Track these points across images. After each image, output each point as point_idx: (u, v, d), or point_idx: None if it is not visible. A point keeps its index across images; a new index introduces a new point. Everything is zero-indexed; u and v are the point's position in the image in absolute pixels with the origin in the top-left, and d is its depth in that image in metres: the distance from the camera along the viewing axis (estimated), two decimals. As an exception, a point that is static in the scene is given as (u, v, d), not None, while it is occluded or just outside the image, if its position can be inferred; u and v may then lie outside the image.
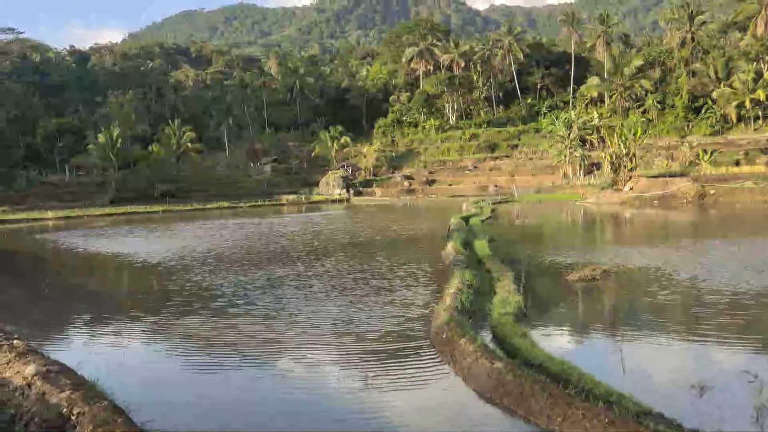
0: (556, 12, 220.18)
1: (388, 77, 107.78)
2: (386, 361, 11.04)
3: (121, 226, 44.06)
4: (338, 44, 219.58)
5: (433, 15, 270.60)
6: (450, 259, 19.93)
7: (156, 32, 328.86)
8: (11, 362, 7.72)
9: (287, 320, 13.92)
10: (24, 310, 17.19)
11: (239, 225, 41.26)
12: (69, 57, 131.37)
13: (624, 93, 75.75)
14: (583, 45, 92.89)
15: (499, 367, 8.96)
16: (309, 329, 13.11)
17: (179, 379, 10.62)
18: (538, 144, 77.09)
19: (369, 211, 54.98)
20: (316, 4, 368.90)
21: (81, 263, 26.74)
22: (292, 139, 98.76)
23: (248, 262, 22.97)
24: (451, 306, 12.82)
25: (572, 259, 20.77)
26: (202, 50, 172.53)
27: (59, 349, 12.25)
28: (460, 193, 66.62)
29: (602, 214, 43.22)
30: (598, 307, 15.39)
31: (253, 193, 75.51)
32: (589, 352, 11.62)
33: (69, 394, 6.45)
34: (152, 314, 15.41)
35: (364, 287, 17.22)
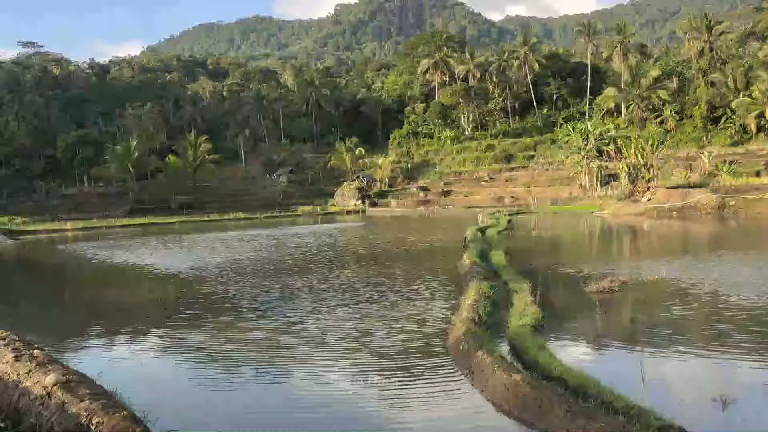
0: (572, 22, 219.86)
1: (403, 88, 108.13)
2: (402, 373, 10.98)
3: (139, 237, 44.41)
4: (354, 56, 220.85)
5: (449, 26, 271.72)
6: (466, 271, 19.84)
7: (174, 45, 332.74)
8: (31, 372, 7.78)
9: (301, 334, 13.89)
10: (44, 319, 17.35)
11: (255, 236, 41.42)
12: (89, 70, 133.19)
13: (641, 103, 75.29)
14: (599, 55, 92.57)
15: (517, 380, 8.87)
16: (323, 343, 13.05)
17: (196, 389, 10.63)
18: (554, 155, 76.75)
19: (385, 223, 55.02)
20: (332, 17, 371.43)
21: (99, 274, 26.96)
22: (308, 151, 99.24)
23: (263, 274, 22.97)
24: (468, 318, 12.74)
25: (590, 271, 20.59)
26: (220, 63, 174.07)
27: (78, 358, 12.33)
28: (475, 205, 66.44)
29: (620, 226, 42.87)
30: (617, 319, 15.22)
31: (269, 205, 75.85)
32: (608, 365, 11.48)
33: (88, 404, 6.48)
34: (169, 324, 15.48)
35: (380, 299, 17.17)
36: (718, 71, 74.61)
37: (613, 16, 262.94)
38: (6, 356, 8.54)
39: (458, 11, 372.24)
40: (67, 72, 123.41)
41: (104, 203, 74.45)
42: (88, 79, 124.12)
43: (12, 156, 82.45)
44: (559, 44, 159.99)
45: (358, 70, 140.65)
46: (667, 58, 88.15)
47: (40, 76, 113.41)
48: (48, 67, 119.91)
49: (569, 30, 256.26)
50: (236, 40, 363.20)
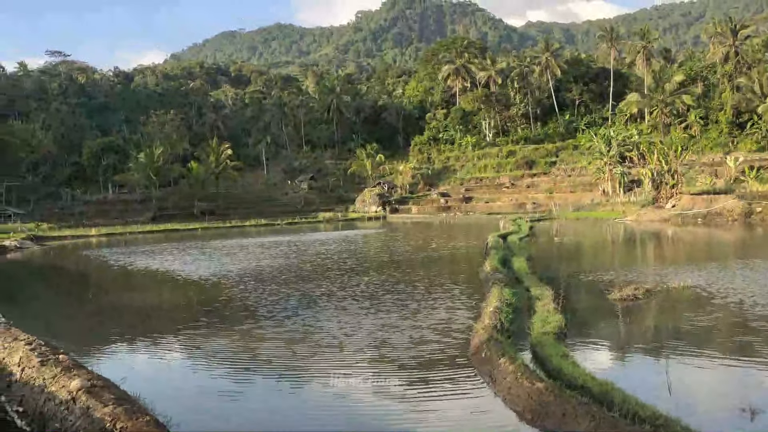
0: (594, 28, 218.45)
1: (424, 95, 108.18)
2: (423, 379, 10.93)
3: (161, 243, 44.82)
4: (375, 63, 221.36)
5: (470, 32, 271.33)
6: (488, 278, 19.72)
7: (197, 53, 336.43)
8: (57, 377, 7.86)
9: (320, 341, 13.88)
10: (68, 324, 17.56)
11: (276, 243, 41.58)
12: (114, 78, 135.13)
13: (665, 109, 74.49)
14: (622, 61, 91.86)
15: (540, 388, 8.78)
16: (340, 352, 13.00)
17: (216, 396, 10.66)
18: (576, 161, 76.23)
19: (405, 229, 54.95)
20: (353, 24, 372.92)
21: (122, 279, 27.24)
22: (329, 157, 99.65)
23: (283, 281, 22.97)
24: (490, 325, 12.65)
25: (613, 278, 20.36)
26: (242, 70, 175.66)
27: (101, 363, 12.45)
28: (497, 211, 66.17)
29: (643, 232, 42.37)
30: (641, 327, 15.00)
31: (290, 211, 76.24)
32: (632, 373, 11.31)
33: (112, 409, 6.53)
34: (190, 330, 15.57)
35: (401, 307, 17.11)
36: (744, 76, 73.59)
37: (636, 21, 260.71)
38: (32, 361, 8.65)
39: (479, 17, 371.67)
40: (92, 80, 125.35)
41: (128, 209, 75.34)
42: (112, 86, 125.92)
43: (39, 163, 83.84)
44: (581, 49, 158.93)
45: (379, 77, 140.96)
46: (691, 63, 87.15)
47: (66, 85, 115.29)
48: (74, 76, 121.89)
49: (591, 35, 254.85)
50: (258, 48, 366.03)
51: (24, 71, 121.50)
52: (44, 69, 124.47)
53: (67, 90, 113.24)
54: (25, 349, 9.25)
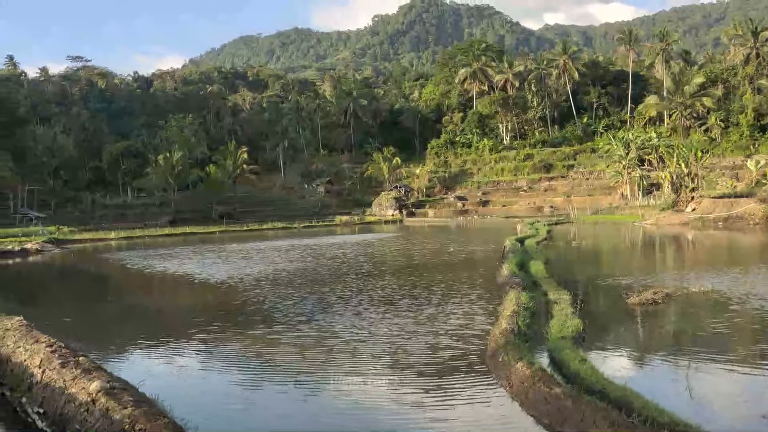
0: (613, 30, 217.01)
1: (441, 98, 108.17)
2: (439, 383, 10.90)
3: (180, 247, 45.16)
4: (392, 66, 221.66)
5: (487, 36, 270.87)
6: (505, 281, 19.64)
7: (215, 57, 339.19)
8: (77, 378, 7.95)
9: (335, 347, 13.89)
10: (88, 326, 17.74)
11: (293, 246, 41.70)
12: (133, 83, 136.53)
13: (684, 111, 73.81)
14: (641, 63, 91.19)
15: (557, 393, 8.72)
16: (359, 357, 13.00)
17: (235, 397, 10.72)
18: (594, 164, 75.75)
19: (422, 233, 54.89)
20: (370, 28, 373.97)
21: (140, 282, 27.48)
22: (346, 161, 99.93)
23: (299, 285, 22.92)
24: (507, 329, 12.60)
25: (632, 282, 20.18)
26: (259, 74, 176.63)
27: (121, 365, 12.56)
28: (514, 214, 65.88)
29: (663, 236, 41.96)
30: (661, 331, 14.85)
31: (307, 214, 76.46)
32: (652, 379, 11.20)
33: (131, 411, 6.59)
34: (208, 333, 15.66)
35: (417, 311, 17.08)
36: (765, 78, 72.73)
37: (654, 23, 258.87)
38: (53, 363, 8.75)
39: (496, 20, 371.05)
40: (112, 85, 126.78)
41: (146, 213, 75.99)
42: (132, 91, 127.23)
43: (60, 168, 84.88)
44: (599, 52, 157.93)
45: (396, 81, 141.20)
46: (711, 65, 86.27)
47: (86, 90, 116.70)
48: (94, 81, 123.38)
49: (609, 38, 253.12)
50: (275, 52, 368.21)
51: (46, 77, 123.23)
52: (65, 74, 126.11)
53: (88, 95, 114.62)
54: (46, 351, 9.36)
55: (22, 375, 9.38)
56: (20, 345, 10.21)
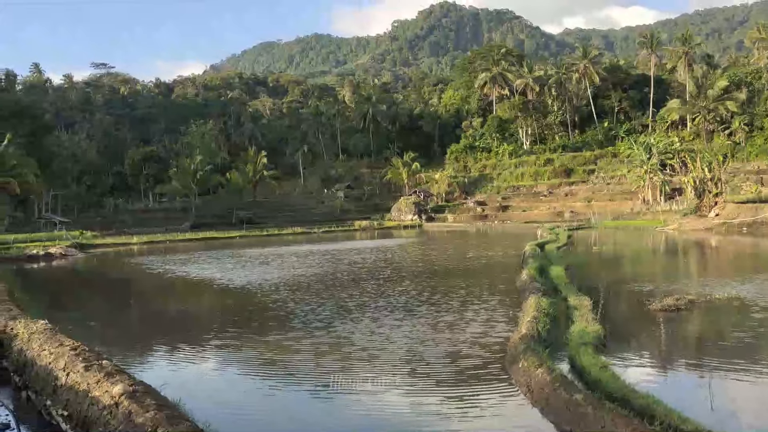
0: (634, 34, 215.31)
1: (460, 103, 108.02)
2: (459, 390, 10.88)
3: (200, 251, 45.51)
4: (411, 72, 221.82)
5: (506, 40, 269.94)
6: (525, 287, 19.53)
7: (236, 63, 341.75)
8: (100, 381, 8.05)
9: (353, 354, 13.89)
10: (111, 330, 17.95)
11: (312, 251, 41.82)
12: (155, 89, 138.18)
13: (708, 115, 72.94)
14: (663, 67, 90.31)
15: (578, 399, 8.65)
16: (378, 365, 12.96)
17: (256, 403, 10.79)
18: (615, 169, 75.11)
19: (441, 238, 54.79)
20: (389, 33, 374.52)
21: (162, 286, 27.74)
22: (365, 166, 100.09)
23: (317, 291, 22.88)
24: (528, 335, 12.53)
25: (654, 288, 19.97)
26: (279, 80, 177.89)
27: (143, 369, 12.70)
28: (534, 219, 65.51)
29: (686, 242, 41.47)
30: (683, 338, 14.68)
31: (326, 219, 76.66)
32: (673, 386, 11.07)
33: (154, 415, 6.66)
34: (227, 338, 15.78)
35: (436, 317, 17.05)
36: (790, 81, 71.67)
37: (677, 26, 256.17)
38: (77, 366, 8.87)
39: (516, 25, 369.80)
40: (134, 91, 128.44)
41: (168, 218, 76.70)
42: (154, 97, 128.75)
43: (84, 173, 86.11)
44: (620, 56, 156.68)
45: (415, 86, 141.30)
46: (735, 68, 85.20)
47: (109, 96, 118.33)
48: (117, 87, 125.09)
49: (631, 41, 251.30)
50: (295, 58, 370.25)
51: (70, 84, 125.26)
52: (89, 81, 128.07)
53: (111, 101, 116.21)
54: (70, 355, 9.49)
55: (46, 378, 9.52)
56: (45, 348, 10.37)
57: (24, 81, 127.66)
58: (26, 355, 10.82)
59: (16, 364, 11.28)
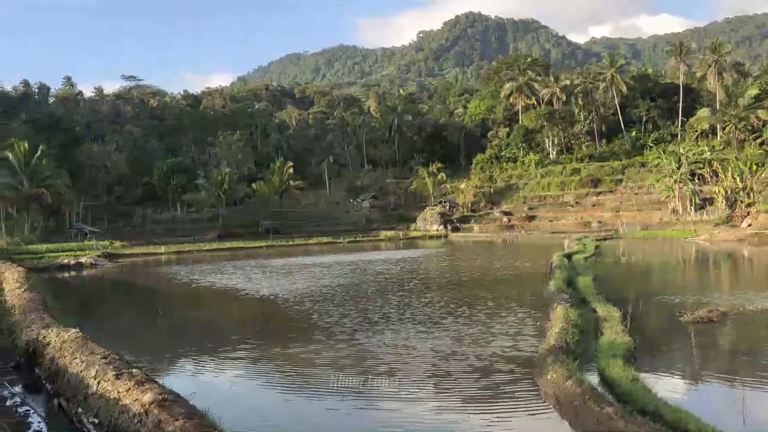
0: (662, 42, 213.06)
1: (486, 113, 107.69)
2: (486, 401, 10.79)
3: (227, 261, 45.88)
4: (436, 82, 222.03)
5: (532, 50, 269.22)
6: (553, 298, 19.33)
7: (263, 75, 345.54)
8: (131, 390, 8.14)
9: (379, 367, 13.85)
10: (140, 338, 18.16)
11: (338, 261, 41.86)
12: (183, 101, 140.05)
13: (739, 124, 71.72)
14: (692, 75, 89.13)
15: (609, 412, 8.52)
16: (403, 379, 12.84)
17: (282, 413, 10.81)
18: (644, 179, 74.09)
19: (467, 248, 54.53)
20: (415, 44, 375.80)
21: (190, 296, 28.00)
22: (390, 176, 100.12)
23: (341, 302, 22.88)
24: (556, 346, 12.40)
25: (685, 300, 19.64)
26: (305, 91, 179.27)
27: (172, 377, 12.81)
28: (561, 230, 64.88)
29: (717, 253, 40.72)
30: (716, 351, 14.39)
31: (352, 229, 76.71)
32: (706, 400, 10.86)
33: (183, 423, 6.71)
34: (255, 347, 15.85)
35: (463, 330, 16.93)
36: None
37: (706, 34, 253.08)
38: (108, 374, 8.98)
39: (541, 34, 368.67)
40: (163, 103, 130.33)
41: (195, 228, 77.37)
42: (182, 109, 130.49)
43: (113, 184, 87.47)
44: (648, 65, 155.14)
45: (441, 96, 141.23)
46: (766, 77, 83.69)
47: (139, 108, 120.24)
48: (146, 99, 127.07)
49: (659, 50, 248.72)
50: (321, 69, 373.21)
51: (100, 96, 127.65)
52: (119, 93, 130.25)
53: (140, 113, 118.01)
54: (101, 363, 9.62)
55: (78, 386, 9.65)
56: (77, 356, 10.52)
57: (56, 94, 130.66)
58: (58, 363, 10.99)
59: (49, 372, 11.46)
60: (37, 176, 63.48)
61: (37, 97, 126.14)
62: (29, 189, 61.97)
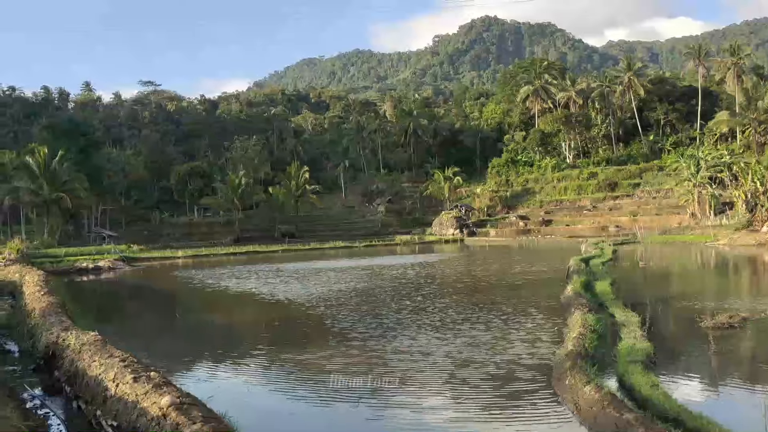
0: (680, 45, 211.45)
1: (502, 117, 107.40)
2: (504, 407, 10.71)
3: (243, 265, 46.06)
4: (452, 86, 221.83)
5: (548, 53, 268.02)
6: (570, 303, 19.18)
7: (279, 79, 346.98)
8: (148, 393, 8.17)
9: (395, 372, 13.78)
10: (158, 341, 18.26)
11: (353, 266, 41.82)
12: (200, 106, 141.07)
13: (759, 127, 70.92)
14: (710, 78, 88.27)
15: (629, 419, 8.42)
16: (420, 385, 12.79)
17: (299, 418, 10.81)
18: (662, 182, 73.44)
19: (484, 253, 54.33)
20: (430, 48, 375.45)
21: (206, 299, 28.14)
22: (406, 180, 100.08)
23: (357, 306, 22.79)
24: (574, 351, 12.29)
25: (705, 305, 19.40)
26: (321, 96, 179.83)
27: (189, 381, 12.86)
28: (577, 234, 64.43)
29: (737, 257, 40.21)
30: (737, 357, 14.19)
31: (367, 233, 76.74)
32: (728, 406, 10.70)
33: (200, 427, 6.72)
34: (272, 351, 15.87)
35: (480, 335, 16.84)
36: None
37: (725, 37, 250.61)
38: (126, 377, 9.03)
39: (558, 38, 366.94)
40: (180, 108, 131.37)
41: (212, 232, 77.88)
42: (199, 114, 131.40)
43: (131, 188, 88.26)
44: (666, 68, 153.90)
45: (457, 100, 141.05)
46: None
47: (156, 113, 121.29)
48: (163, 104, 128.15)
49: (677, 53, 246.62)
50: (337, 74, 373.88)
51: (119, 101, 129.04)
52: (137, 98, 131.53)
53: (157, 118, 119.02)
54: (120, 366, 9.67)
55: (96, 388, 9.71)
56: (95, 359, 10.60)
57: (76, 99, 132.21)
58: (77, 366, 11.07)
59: (68, 374, 11.54)
60: (57, 181, 64.18)
61: (56, 103, 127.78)
62: (49, 193, 62.67)
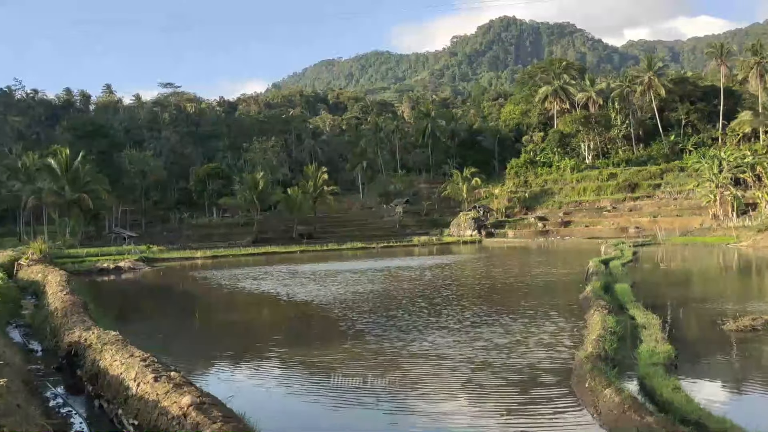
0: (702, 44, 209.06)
1: (520, 117, 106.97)
2: (523, 409, 10.66)
3: (262, 266, 46.27)
4: (470, 87, 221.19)
5: (567, 53, 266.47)
6: (590, 305, 19.03)
7: (297, 81, 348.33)
8: (169, 393, 8.24)
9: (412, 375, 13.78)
10: (178, 341, 18.41)
11: (371, 267, 41.74)
12: (219, 107, 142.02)
13: (782, 127, 69.90)
14: (733, 78, 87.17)
15: (650, 422, 8.33)
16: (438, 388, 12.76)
17: (318, 418, 10.83)
18: (683, 183, 72.61)
19: (502, 254, 54.10)
20: (448, 48, 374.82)
21: (226, 299, 28.30)
22: (424, 181, 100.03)
23: (374, 308, 22.67)
24: (594, 353, 12.19)
25: (727, 308, 19.14)
26: (339, 97, 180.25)
27: (208, 380, 12.95)
28: (597, 235, 63.96)
29: (760, 259, 39.64)
30: (760, 360, 13.99)
31: (385, 234, 76.76)
32: (751, 410, 10.55)
33: (220, 426, 6.76)
34: (290, 352, 15.92)
35: (498, 339, 16.75)
36: None
37: (747, 36, 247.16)
38: (147, 377, 9.11)
39: (577, 38, 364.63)
40: (199, 110, 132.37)
41: (230, 232, 78.39)
42: (218, 115, 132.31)
43: (150, 189, 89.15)
44: (687, 67, 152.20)
45: (475, 100, 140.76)
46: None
47: (175, 115, 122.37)
48: (182, 106, 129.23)
49: (698, 52, 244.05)
50: (355, 75, 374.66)
51: (139, 103, 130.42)
52: (157, 100, 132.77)
53: (177, 119, 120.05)
54: (140, 365, 9.76)
55: (118, 387, 9.81)
56: (116, 358, 10.70)
57: (97, 101, 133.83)
58: (99, 365, 11.19)
59: (89, 373, 11.67)
60: (78, 182, 65.01)
61: (78, 105, 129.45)
62: (71, 194, 63.49)
